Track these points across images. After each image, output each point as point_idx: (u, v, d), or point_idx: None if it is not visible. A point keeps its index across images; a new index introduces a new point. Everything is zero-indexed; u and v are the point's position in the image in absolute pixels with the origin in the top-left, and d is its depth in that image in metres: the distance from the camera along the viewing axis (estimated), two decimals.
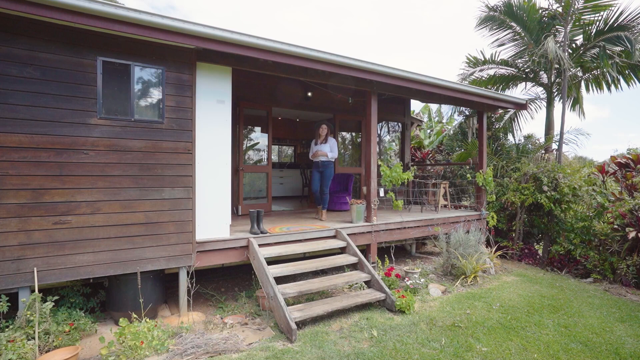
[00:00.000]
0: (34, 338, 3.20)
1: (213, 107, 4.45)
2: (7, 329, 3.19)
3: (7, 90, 3.29)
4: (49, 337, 3.29)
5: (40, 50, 3.42)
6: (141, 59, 3.92)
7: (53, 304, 3.42)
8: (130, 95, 3.89)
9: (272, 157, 9.80)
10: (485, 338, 3.67)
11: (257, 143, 10.97)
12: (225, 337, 3.68)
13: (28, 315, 3.26)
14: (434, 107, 14.91)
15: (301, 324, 3.92)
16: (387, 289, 4.50)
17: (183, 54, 4.13)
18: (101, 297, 4.25)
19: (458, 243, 5.76)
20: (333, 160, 6.27)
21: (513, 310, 4.42)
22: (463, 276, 5.52)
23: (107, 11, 3.34)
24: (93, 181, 3.69)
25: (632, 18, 7.41)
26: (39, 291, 3.42)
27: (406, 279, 5.22)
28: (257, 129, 9.82)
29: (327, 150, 6.19)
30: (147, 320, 3.50)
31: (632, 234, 6.04)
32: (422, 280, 5.20)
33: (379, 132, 12.22)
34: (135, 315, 3.65)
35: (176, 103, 4.13)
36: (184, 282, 4.22)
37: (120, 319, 3.37)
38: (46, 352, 3.21)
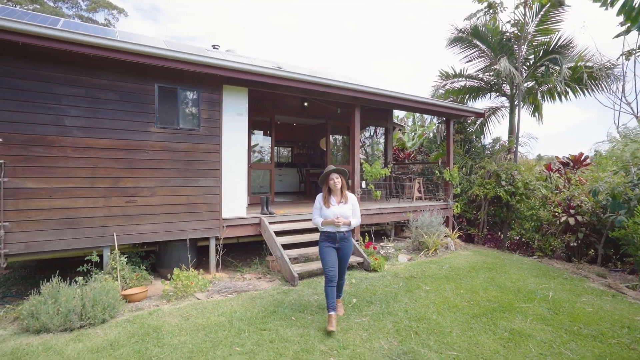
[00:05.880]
0: (116, 280, 4.64)
1: (234, 118, 5.92)
2: (99, 273, 4.63)
3: (97, 108, 4.74)
4: (125, 280, 4.74)
5: (118, 80, 4.88)
6: (184, 84, 5.39)
7: (126, 259, 4.87)
8: (177, 110, 5.35)
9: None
10: (431, 283, 5.18)
11: (258, 144, 12.43)
12: (247, 284, 5.16)
13: (112, 264, 4.71)
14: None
15: (300, 277, 5.38)
16: (365, 255, 5.99)
17: (214, 79, 5.60)
18: (151, 260, 5.70)
19: (424, 224, 7.27)
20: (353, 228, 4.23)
21: (457, 270, 5.94)
22: (426, 249, 7.04)
23: (166, 54, 4.80)
24: (151, 172, 5.15)
25: (563, 44, 9.06)
26: (113, 251, 4.87)
27: (381, 251, 6.71)
28: (261, 132, 11.30)
29: (350, 213, 3.93)
30: (192, 269, 4.96)
31: (563, 218, 7.62)
32: (393, 251, 6.71)
33: (370, 134, 13.88)
34: (184, 267, 5.12)
35: (208, 116, 5.60)
36: (213, 248, 5.68)
37: (175, 268, 4.84)
38: (125, 289, 4.66)
